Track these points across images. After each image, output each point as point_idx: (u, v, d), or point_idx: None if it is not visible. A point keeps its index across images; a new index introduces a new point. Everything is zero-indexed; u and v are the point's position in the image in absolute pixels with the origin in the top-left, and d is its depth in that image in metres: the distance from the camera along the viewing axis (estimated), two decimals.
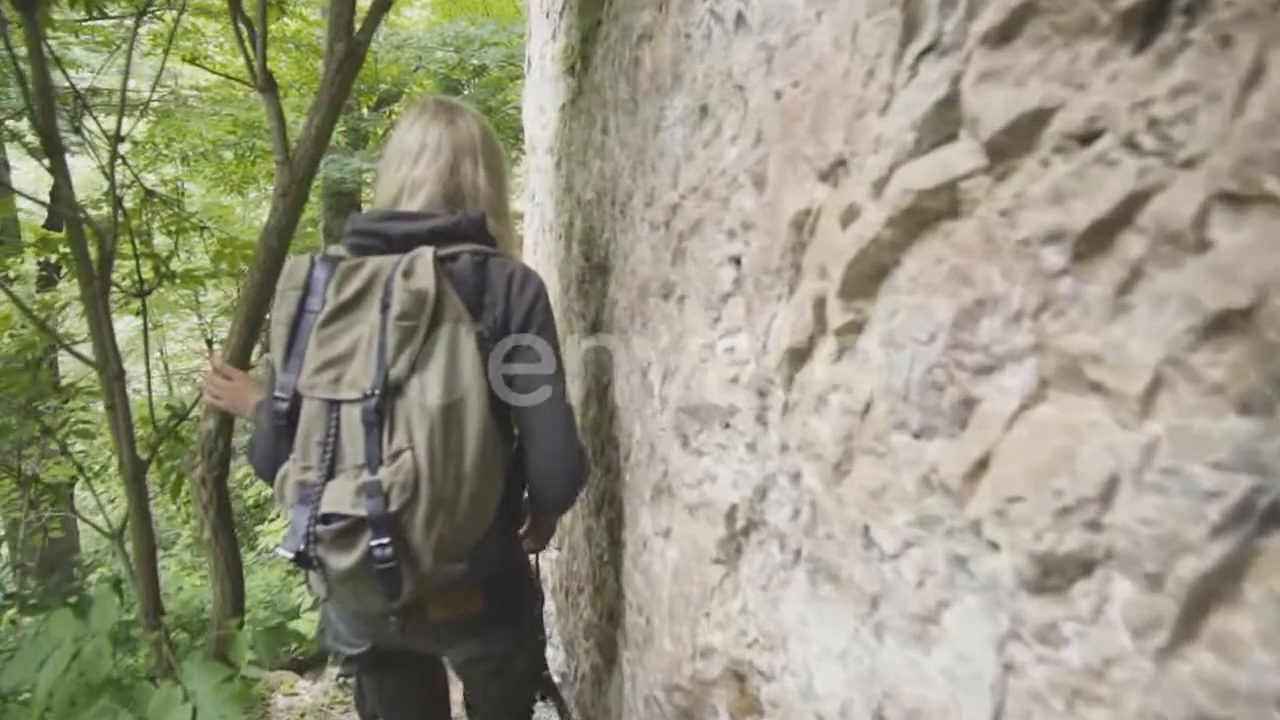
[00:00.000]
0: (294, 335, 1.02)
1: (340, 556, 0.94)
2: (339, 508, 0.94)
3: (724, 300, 0.85)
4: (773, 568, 0.78)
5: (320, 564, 0.95)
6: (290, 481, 0.98)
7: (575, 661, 2.43)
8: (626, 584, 1.26)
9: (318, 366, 0.99)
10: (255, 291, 1.43)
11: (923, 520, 0.56)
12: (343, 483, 0.95)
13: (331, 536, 0.94)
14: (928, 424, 0.56)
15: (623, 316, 1.32)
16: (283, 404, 1.00)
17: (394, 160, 1.14)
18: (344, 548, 0.94)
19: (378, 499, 0.93)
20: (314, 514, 0.95)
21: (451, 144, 1.13)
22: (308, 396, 0.99)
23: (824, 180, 0.65)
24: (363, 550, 0.93)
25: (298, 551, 0.94)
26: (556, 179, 2.72)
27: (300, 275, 1.04)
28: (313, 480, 0.97)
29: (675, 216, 1.05)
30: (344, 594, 0.99)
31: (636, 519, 1.18)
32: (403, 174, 1.12)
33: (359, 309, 1.01)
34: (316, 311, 1.02)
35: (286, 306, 1.03)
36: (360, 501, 0.93)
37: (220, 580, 1.42)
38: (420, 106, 1.19)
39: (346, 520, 0.94)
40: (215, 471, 1.41)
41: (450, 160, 1.12)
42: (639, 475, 1.17)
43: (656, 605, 1.04)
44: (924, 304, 0.55)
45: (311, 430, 0.98)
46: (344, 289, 1.01)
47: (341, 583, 0.97)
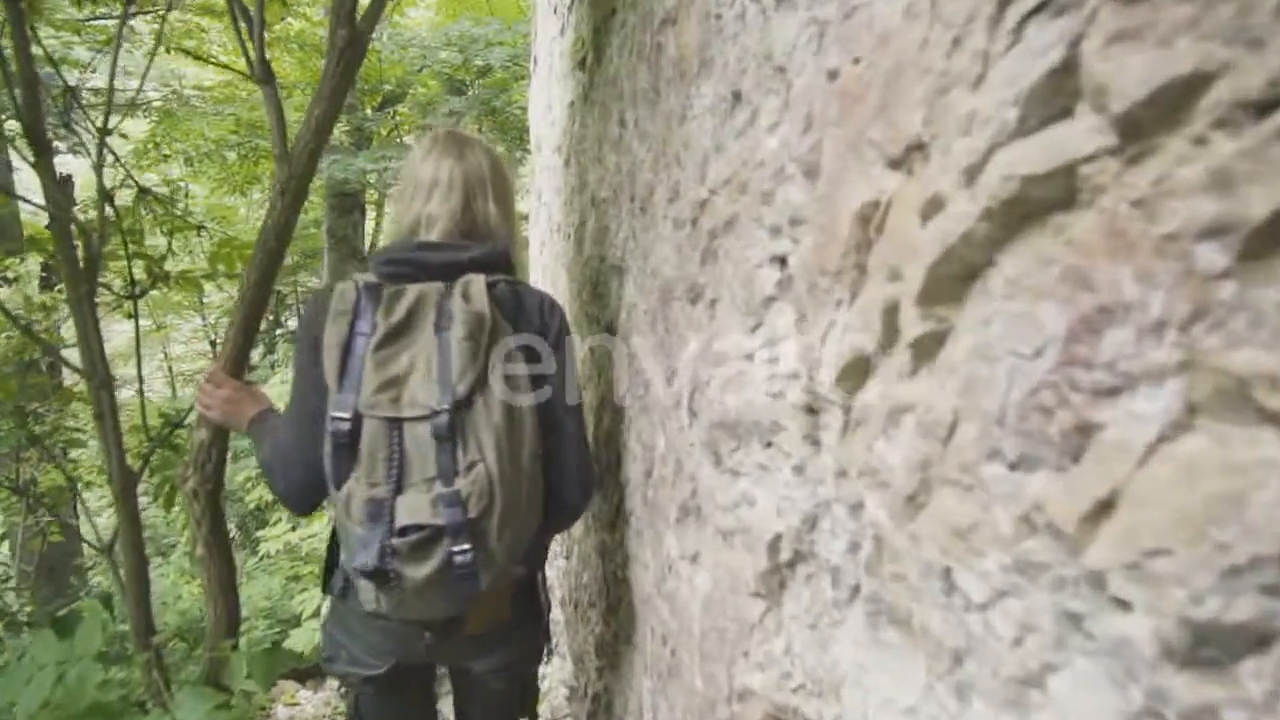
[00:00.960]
0: (347, 358, 1.05)
1: (417, 566, 1.00)
2: (417, 519, 1.00)
3: (766, 305, 0.76)
4: (824, 605, 0.70)
5: (396, 576, 1.00)
6: (357, 499, 1.01)
7: (585, 677, 2.35)
8: (648, 609, 1.18)
9: (377, 387, 1.03)
10: (252, 294, 1.35)
11: (1022, 567, 0.48)
12: (415, 495, 1.01)
13: (409, 548, 1.00)
14: (1029, 453, 0.47)
15: (643, 321, 1.24)
16: (344, 424, 1.03)
17: (408, 192, 1.21)
18: (421, 558, 1.00)
19: (456, 508, 1.00)
20: (389, 528, 1.00)
21: (463, 178, 1.19)
22: (369, 416, 1.03)
23: (896, 168, 0.56)
24: (440, 558, 1.00)
25: (373, 567, 0.99)
26: (565, 177, 2.64)
27: (350, 300, 1.08)
28: (382, 495, 1.01)
29: (704, 213, 0.97)
30: (415, 603, 1.04)
31: (660, 540, 1.10)
32: (417, 208, 1.18)
33: (411, 332, 1.07)
34: (366, 335, 1.06)
35: (338, 330, 1.06)
36: (439, 511, 1.00)
37: (214, 599, 1.34)
38: (432, 139, 1.24)
39: (424, 531, 1.00)
40: (209, 485, 1.33)
41: (463, 196, 1.18)
42: (663, 493, 1.08)
43: (685, 638, 0.96)
44: (1028, 312, 0.47)
45: (376, 448, 1.03)
46: (393, 313, 1.06)
47: (417, 592, 1.02)
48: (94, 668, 1.14)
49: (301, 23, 7.57)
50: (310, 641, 3.32)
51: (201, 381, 1.32)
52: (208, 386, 1.33)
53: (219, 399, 1.30)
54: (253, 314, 1.36)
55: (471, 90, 8.36)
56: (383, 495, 1.01)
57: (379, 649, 1.15)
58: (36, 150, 1.26)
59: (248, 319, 1.35)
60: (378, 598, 1.03)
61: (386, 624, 1.12)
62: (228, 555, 1.36)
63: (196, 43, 7.13)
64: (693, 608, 0.94)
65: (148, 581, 1.44)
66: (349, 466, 1.03)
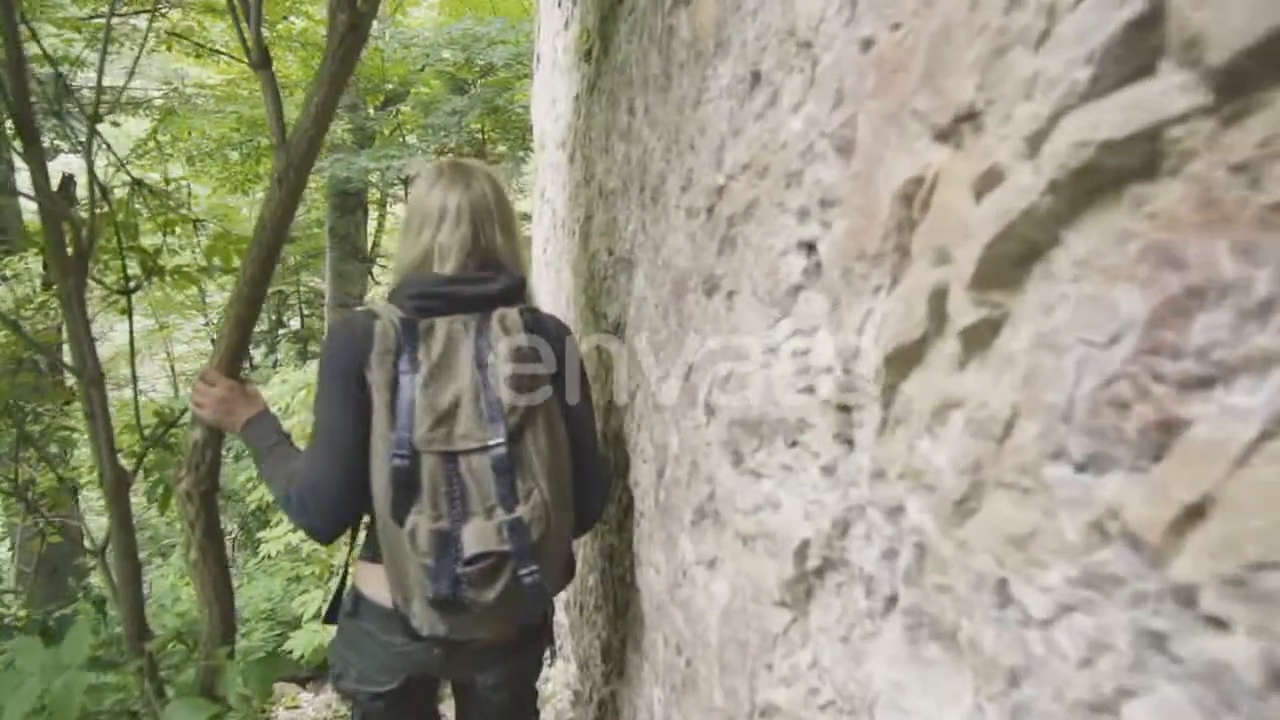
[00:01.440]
0: (396, 395, 1.08)
1: (486, 591, 1.06)
2: (485, 547, 1.05)
3: (792, 294, 0.71)
4: (856, 617, 0.65)
5: (468, 601, 1.06)
6: (423, 532, 1.05)
7: (590, 681, 2.30)
8: (660, 616, 1.13)
9: (432, 424, 1.07)
10: (249, 289, 1.30)
11: (1092, 579, 0.43)
12: (480, 524, 1.06)
13: (479, 575, 1.05)
14: (1101, 453, 0.42)
15: (655, 315, 1.19)
16: (404, 462, 1.06)
17: (415, 223, 1.22)
18: (489, 582, 1.06)
19: (520, 534, 1.06)
20: (458, 558, 1.05)
21: (470, 208, 1.20)
22: (426, 452, 1.07)
23: (943, 140, 0.51)
24: (505, 581, 1.06)
25: (446, 595, 1.05)
26: (570, 172, 2.59)
27: (392, 339, 1.10)
28: (446, 527, 1.06)
29: (721, 200, 0.92)
30: (475, 625, 1.10)
31: (674, 544, 1.05)
32: (426, 239, 1.19)
33: (451, 367, 1.10)
34: (409, 372, 1.09)
35: (385, 370, 1.09)
36: (504, 538, 1.06)
37: (209, 605, 1.29)
38: (437, 170, 1.25)
39: (491, 558, 1.05)
40: (203, 486, 1.28)
41: (472, 226, 1.20)
42: (677, 495, 1.04)
43: (701, 648, 0.91)
44: (1100, 295, 0.42)
45: (437, 483, 1.07)
46: (433, 349, 1.10)
47: (484, 613, 1.07)
48: (81, 676, 1.10)
49: (304, 21, 7.55)
50: (311, 644, 3.28)
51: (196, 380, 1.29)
52: (201, 385, 1.30)
53: (213, 398, 1.28)
54: (249, 310, 1.31)
55: (474, 89, 8.32)
56: (447, 527, 1.06)
57: (390, 666, 1.17)
58: (25, 139, 1.21)
59: (243, 315, 1.30)
60: (435, 621, 1.08)
61: (399, 642, 1.14)
62: (222, 559, 1.31)
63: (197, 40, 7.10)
64: (710, 616, 0.89)
65: (140, 585, 1.40)
66: (410, 502, 1.06)
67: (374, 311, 1.15)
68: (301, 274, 10.45)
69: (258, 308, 1.34)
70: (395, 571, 1.08)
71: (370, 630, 1.16)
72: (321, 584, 3.63)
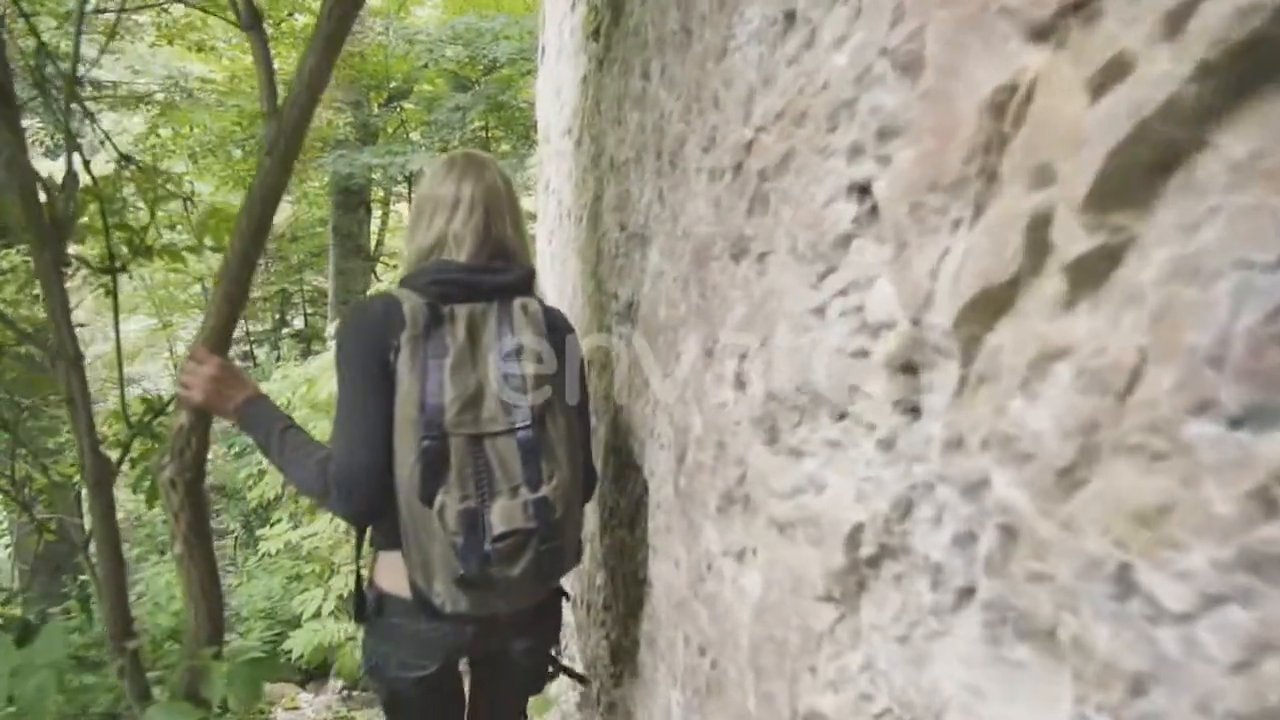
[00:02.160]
0: (425, 379, 1.10)
1: (512, 566, 1.10)
2: (512, 525, 1.09)
3: (840, 246, 0.63)
4: (918, 613, 0.56)
5: (494, 577, 1.09)
6: (451, 511, 1.08)
7: (598, 683, 2.21)
8: (681, 614, 1.04)
9: (460, 407, 1.10)
10: (238, 263, 1.22)
11: (1253, 562, 0.34)
12: (506, 503, 1.10)
13: (507, 551, 1.09)
14: (1265, 403, 0.34)
15: (673, 289, 1.10)
16: (434, 443, 1.09)
17: (427, 211, 1.23)
18: (515, 558, 1.10)
19: (545, 511, 1.11)
20: (487, 535, 1.08)
21: (483, 198, 1.22)
22: (455, 434, 1.10)
23: (1041, 39, 0.43)
24: (530, 556, 1.11)
25: (477, 573, 1.08)
26: (577, 157, 2.52)
27: (422, 323, 1.12)
28: (474, 506, 1.09)
29: (750, 156, 0.84)
30: (497, 600, 1.13)
31: (697, 535, 0.96)
32: (439, 226, 1.21)
33: (474, 352, 1.14)
34: (435, 356, 1.12)
35: (416, 353, 1.11)
36: (530, 516, 1.10)
37: (194, 602, 1.20)
38: (449, 161, 1.28)
39: (517, 535, 1.09)
40: (188, 474, 1.19)
41: (484, 215, 1.22)
42: (700, 481, 0.95)
43: (729, 648, 0.82)
44: (1266, 204, 0.33)
45: (464, 464, 1.10)
46: (457, 334, 1.13)
47: (506, 589, 1.12)
48: (54, 677, 1.01)
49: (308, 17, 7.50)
50: (311, 643, 3.20)
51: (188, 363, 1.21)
52: (190, 365, 1.23)
53: (203, 378, 1.21)
54: (238, 286, 1.23)
55: (478, 85, 8.26)
56: (474, 506, 1.09)
57: (427, 651, 1.19)
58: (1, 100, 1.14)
59: (232, 292, 1.22)
60: (458, 598, 1.10)
61: (429, 628, 1.16)
62: (209, 553, 1.23)
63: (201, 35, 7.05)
64: (739, 613, 0.80)
65: (124, 581, 1.32)
66: (438, 483, 1.09)
67: (395, 296, 1.15)
68: (305, 273, 10.38)
69: (247, 284, 1.26)
70: (418, 552, 1.10)
71: (398, 623, 1.18)
72: (322, 582, 3.56)
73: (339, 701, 3.71)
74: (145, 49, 6.94)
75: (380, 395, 1.11)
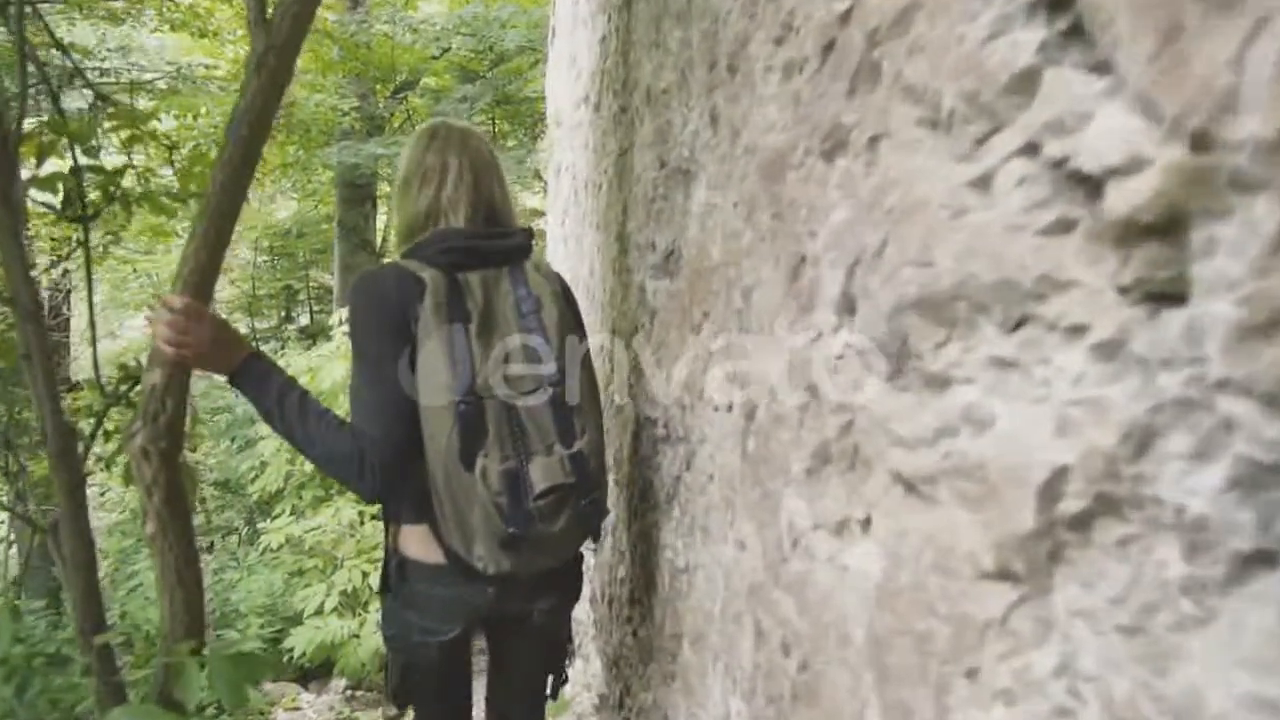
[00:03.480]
0: (453, 345, 1.09)
1: (555, 522, 1.11)
2: (553, 481, 1.09)
3: (1017, 90, 0.45)
4: (1161, 591, 0.39)
5: (538, 534, 1.09)
6: (494, 472, 1.08)
7: (620, 685, 2.04)
8: (751, 603, 0.86)
9: (490, 370, 1.11)
10: (219, 199, 1.05)
11: None
12: (545, 461, 1.11)
13: (549, 507, 1.09)
14: None
15: (732, 219, 0.93)
16: (469, 408, 1.08)
17: (416, 180, 1.21)
18: (557, 514, 1.11)
19: (581, 465, 1.13)
20: (529, 494, 1.08)
21: (471, 163, 1.21)
22: (488, 397, 1.10)
23: None
24: (570, 511, 1.12)
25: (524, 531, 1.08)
26: (595, 124, 2.35)
27: (444, 291, 1.11)
28: (514, 467, 1.09)
29: (850, 24, 0.66)
30: (538, 557, 1.13)
31: (774, 508, 0.78)
32: (430, 193, 1.20)
33: (494, 317, 1.14)
34: (459, 321, 1.11)
35: (441, 321, 1.09)
36: (569, 471, 1.11)
37: (169, 590, 1.03)
38: (430, 131, 1.27)
39: (559, 490, 1.10)
40: (163, 442, 1.02)
41: (474, 180, 1.21)
42: (779, 441, 0.77)
43: (831, 646, 0.65)
44: None
45: (500, 426, 1.10)
46: (476, 300, 1.13)
47: (546, 543, 1.12)
48: None
49: None
50: (312, 641, 3.04)
51: (159, 311, 1.05)
52: (181, 320, 1.06)
53: (205, 339, 1.08)
54: (220, 226, 1.05)
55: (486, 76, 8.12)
56: (515, 466, 1.09)
57: (450, 615, 1.19)
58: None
59: (213, 233, 1.05)
60: (500, 559, 1.10)
61: (451, 592, 1.16)
62: (186, 533, 1.05)
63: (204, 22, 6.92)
64: (843, 601, 0.63)
65: (95, 570, 1.15)
66: (477, 446, 1.08)
67: (406, 267, 1.13)
68: (311, 270, 10.23)
69: (232, 222, 1.08)
70: (455, 518, 1.09)
71: (421, 589, 1.17)
72: (325, 577, 3.40)
73: (342, 702, 3.55)
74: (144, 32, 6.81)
75: (404, 367, 1.09)
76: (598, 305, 2.26)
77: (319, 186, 9.31)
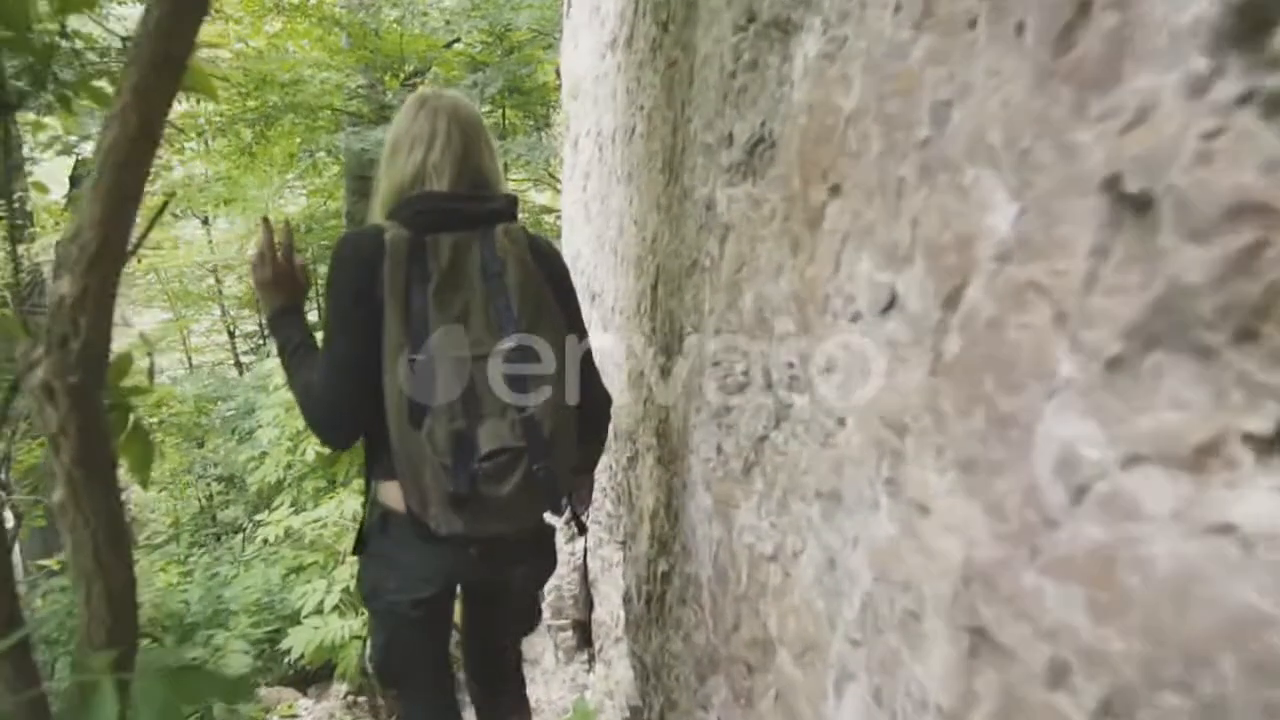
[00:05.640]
0: (409, 304, 1.11)
1: (501, 485, 1.11)
2: (500, 443, 1.10)
3: None
4: None
5: (484, 496, 1.10)
6: (440, 433, 1.09)
7: (663, 699, 1.75)
8: (970, 597, 0.56)
9: (446, 330, 1.12)
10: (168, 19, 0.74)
11: None
12: (495, 424, 1.12)
13: (495, 469, 1.10)
14: None
15: (878, 45, 0.63)
16: (420, 368, 1.09)
17: (405, 145, 1.23)
18: (504, 477, 1.11)
19: (534, 429, 1.13)
20: (474, 454, 1.10)
21: (461, 129, 1.23)
22: (442, 357, 1.11)
23: None
24: (520, 475, 1.12)
25: (466, 491, 1.09)
26: (629, 56, 2.08)
27: (404, 251, 1.13)
28: (462, 428, 1.10)
29: None
30: (493, 521, 1.13)
31: (1022, 441, 0.47)
32: (418, 157, 1.21)
33: (459, 277, 1.15)
34: (419, 281, 1.12)
35: (398, 280, 1.11)
36: (518, 434, 1.12)
37: (84, 579, 0.71)
38: (420, 98, 1.28)
39: (507, 453, 1.11)
40: (73, 376, 0.72)
41: (463, 145, 1.22)
42: (1010, 330, 0.47)
43: (1178, 668, 0.35)
44: None
45: (451, 385, 1.11)
46: (442, 260, 1.14)
47: (499, 509, 1.12)
48: None
49: None
50: (311, 642, 2.76)
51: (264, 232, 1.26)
52: (268, 251, 1.26)
53: (283, 273, 1.27)
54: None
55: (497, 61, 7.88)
56: (463, 427, 1.10)
57: (426, 573, 1.22)
58: None
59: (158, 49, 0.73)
60: (452, 519, 1.10)
61: (433, 547, 1.16)
62: (109, 500, 0.75)
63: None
64: (1219, 593, 0.33)
65: (9, 559, 0.86)
66: (425, 406, 1.09)
67: (380, 227, 1.16)
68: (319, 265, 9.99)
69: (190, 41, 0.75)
70: (412, 477, 1.10)
71: (403, 539, 1.18)
72: (326, 573, 3.12)
73: (343, 708, 3.26)
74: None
75: (362, 328, 1.11)
76: (630, 260, 1.98)
77: (327, 183, 9.10)
